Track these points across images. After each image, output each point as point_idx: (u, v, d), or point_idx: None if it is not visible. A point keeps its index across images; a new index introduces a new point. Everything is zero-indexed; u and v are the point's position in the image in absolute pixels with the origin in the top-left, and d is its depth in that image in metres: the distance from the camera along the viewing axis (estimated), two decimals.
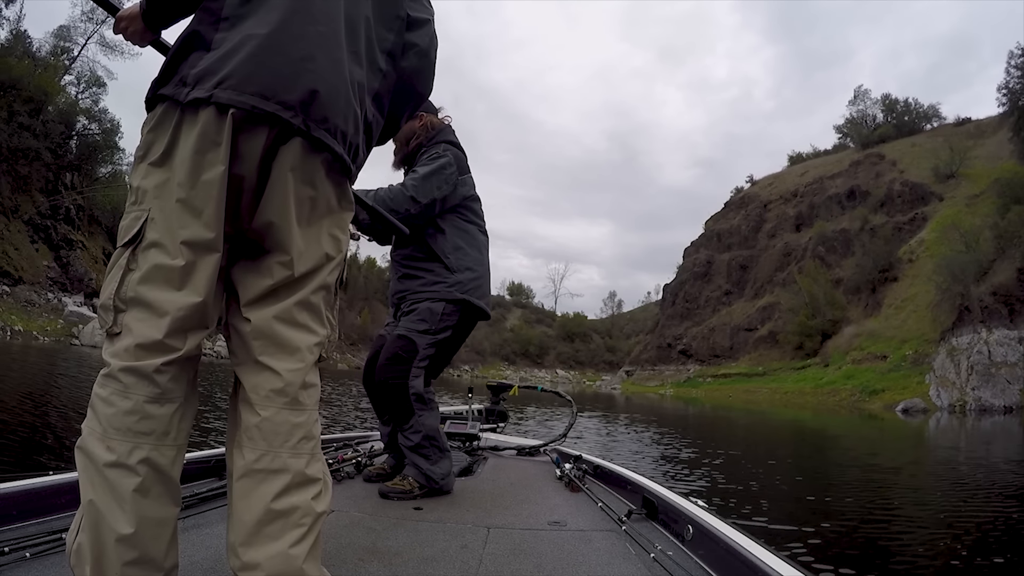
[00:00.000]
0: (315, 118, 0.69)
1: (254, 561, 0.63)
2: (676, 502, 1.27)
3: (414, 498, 1.51)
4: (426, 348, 1.62)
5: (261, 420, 0.66)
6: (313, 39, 0.69)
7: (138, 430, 0.61)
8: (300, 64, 0.68)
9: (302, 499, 0.65)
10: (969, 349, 20.18)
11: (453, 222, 1.67)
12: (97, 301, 0.69)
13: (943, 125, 40.45)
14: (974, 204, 28.38)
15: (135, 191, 0.67)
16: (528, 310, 67.62)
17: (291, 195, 0.69)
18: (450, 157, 1.63)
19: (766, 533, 2.63)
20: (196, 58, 0.67)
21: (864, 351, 25.52)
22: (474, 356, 50.81)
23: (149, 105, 0.68)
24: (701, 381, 34.06)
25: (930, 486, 4.75)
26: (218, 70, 0.65)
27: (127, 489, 0.59)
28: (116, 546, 0.59)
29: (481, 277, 1.68)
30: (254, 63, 0.66)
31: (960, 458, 7.07)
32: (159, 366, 0.63)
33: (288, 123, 0.67)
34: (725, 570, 0.95)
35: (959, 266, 21.66)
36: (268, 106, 0.65)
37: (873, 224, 33.05)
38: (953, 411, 18.12)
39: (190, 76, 0.66)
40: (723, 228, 43.73)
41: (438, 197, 1.60)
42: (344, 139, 0.73)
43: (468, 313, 1.67)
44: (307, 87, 0.68)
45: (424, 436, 1.58)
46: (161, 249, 0.64)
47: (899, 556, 2.46)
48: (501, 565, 1.05)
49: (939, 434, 11.44)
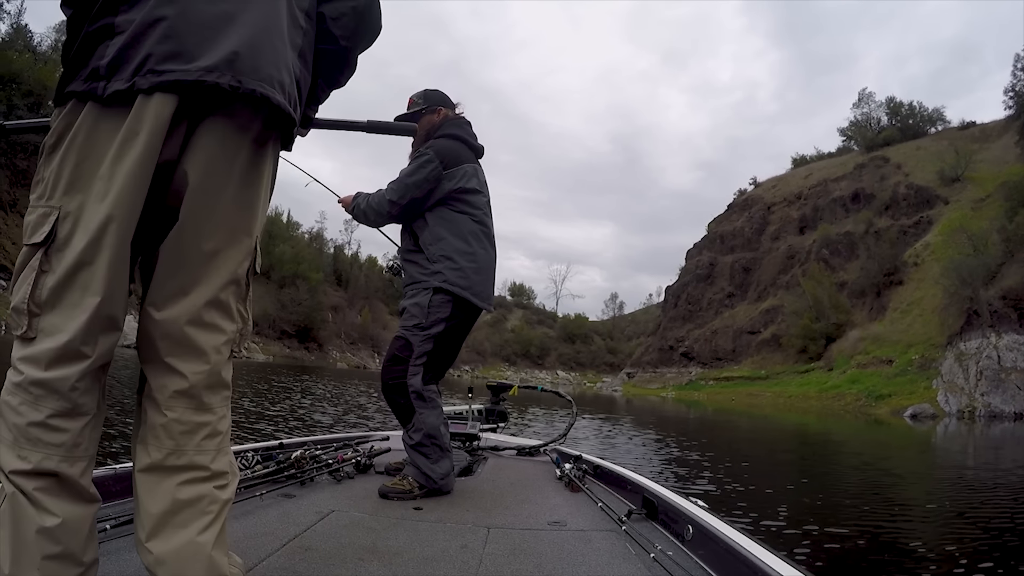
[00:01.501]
0: (245, 71, 0.65)
1: (163, 553, 0.63)
2: (676, 502, 1.27)
3: (414, 498, 1.51)
4: (421, 344, 1.61)
5: (167, 421, 0.66)
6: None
7: (48, 441, 0.60)
8: (218, 26, 0.64)
9: (207, 488, 0.66)
10: (978, 354, 19.97)
11: (440, 213, 1.68)
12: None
13: (947, 129, 40.25)
14: (980, 208, 28.20)
15: (44, 184, 0.64)
16: (529, 311, 67.65)
17: (212, 173, 0.66)
18: (431, 155, 1.66)
19: (767, 533, 2.62)
20: (103, 48, 0.63)
21: (869, 355, 25.35)
22: (475, 356, 50.83)
23: (59, 100, 0.65)
24: (703, 384, 33.92)
25: (934, 491, 4.72)
26: (132, 57, 0.62)
27: (40, 492, 0.60)
28: (36, 538, 0.59)
29: (465, 267, 1.65)
30: (169, 42, 0.62)
31: (968, 462, 7.01)
32: (73, 383, 0.61)
33: (215, 86, 0.63)
34: (725, 570, 0.95)
35: (967, 269, 21.43)
36: (189, 75, 0.62)
37: (878, 227, 32.89)
38: (962, 417, 17.90)
39: (103, 67, 0.62)
40: (726, 230, 43.60)
41: (418, 196, 1.65)
42: (282, 89, 0.69)
43: (460, 305, 1.65)
44: (230, 47, 0.64)
45: (425, 435, 1.58)
46: (74, 249, 0.61)
47: (900, 557, 2.45)
48: (501, 565, 1.05)
49: (947, 440, 11.32)
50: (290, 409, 6.67)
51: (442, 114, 1.77)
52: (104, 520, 0.98)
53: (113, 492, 1.13)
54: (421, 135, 1.75)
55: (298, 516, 1.24)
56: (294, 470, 1.54)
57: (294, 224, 46.46)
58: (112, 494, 1.12)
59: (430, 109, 1.76)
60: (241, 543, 1.03)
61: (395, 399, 1.64)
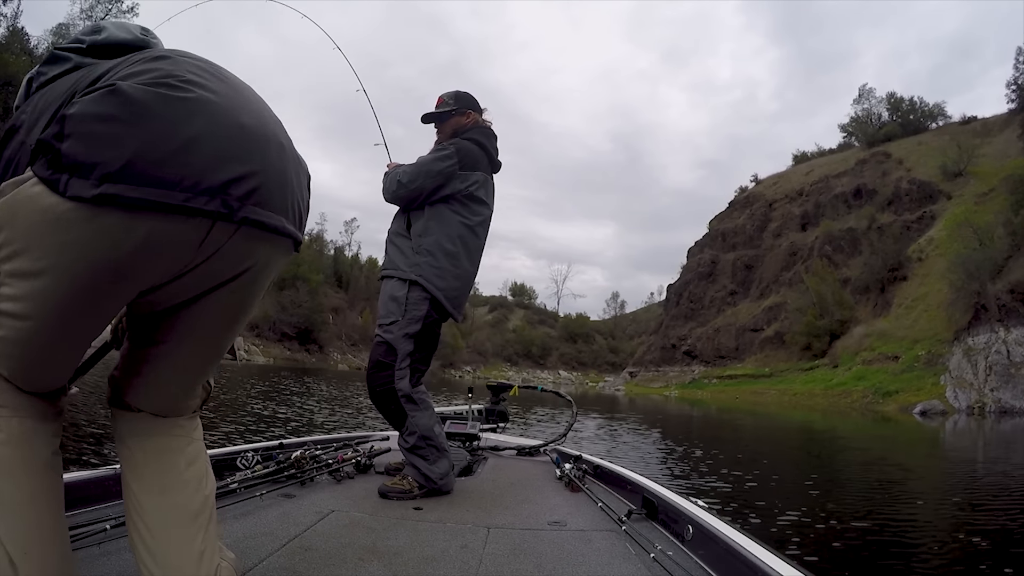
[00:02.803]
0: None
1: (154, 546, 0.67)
2: (676, 502, 1.26)
3: (413, 498, 1.51)
4: (403, 344, 1.60)
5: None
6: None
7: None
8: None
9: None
10: (987, 349, 19.72)
11: (439, 209, 1.66)
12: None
13: (949, 124, 39.99)
14: (984, 202, 28.02)
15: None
16: (531, 311, 67.66)
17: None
18: (452, 151, 1.67)
19: (767, 533, 2.60)
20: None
21: (875, 352, 25.19)
22: (476, 357, 50.89)
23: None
24: (706, 383, 33.82)
25: (940, 488, 4.68)
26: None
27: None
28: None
29: (445, 268, 1.62)
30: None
31: (978, 457, 6.93)
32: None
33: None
34: (725, 570, 0.95)
35: (974, 263, 21.16)
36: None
37: (880, 223, 32.73)
38: (972, 413, 17.71)
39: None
40: (728, 228, 43.47)
41: (427, 186, 1.64)
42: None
43: (435, 306, 1.63)
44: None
45: (420, 437, 1.57)
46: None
47: (901, 557, 2.43)
48: (501, 565, 1.05)
49: (956, 436, 11.19)
50: (297, 414, 6.68)
51: (471, 118, 1.76)
52: (104, 520, 0.98)
53: (113, 492, 1.13)
54: (448, 133, 1.75)
55: (298, 516, 1.24)
56: (294, 470, 1.54)
57: None
58: (112, 494, 1.13)
59: (460, 111, 1.76)
60: (241, 543, 1.03)
61: (385, 405, 1.63)
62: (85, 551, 0.92)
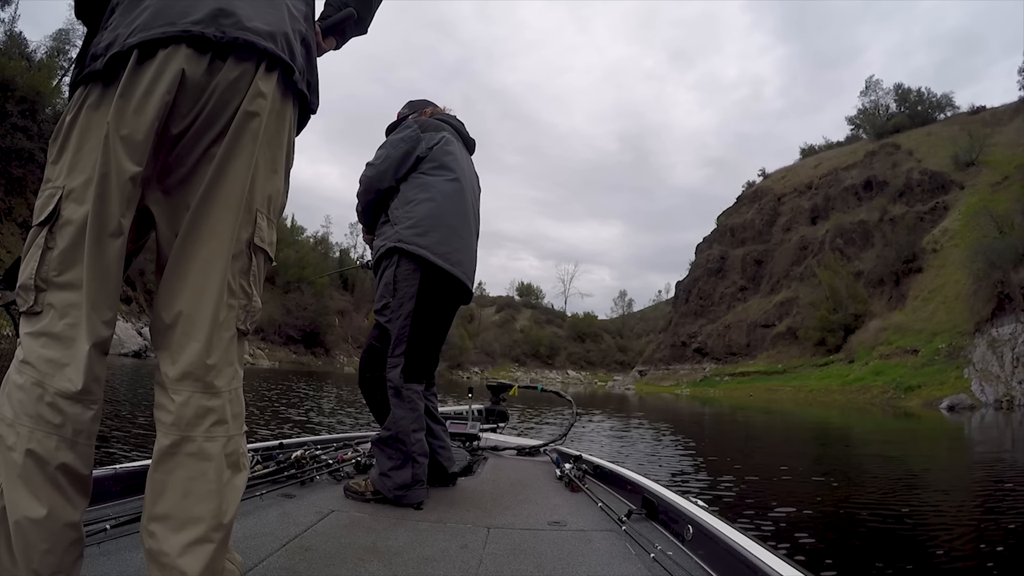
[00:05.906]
0: (228, 25, 0.67)
1: (164, 539, 0.64)
2: (676, 502, 1.25)
3: (366, 501, 1.42)
4: (399, 328, 1.50)
5: (175, 406, 0.67)
6: None
7: (52, 421, 0.61)
8: None
9: (212, 477, 0.66)
10: (1013, 339, 18.87)
11: (414, 178, 1.58)
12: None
13: (958, 114, 39.21)
14: (998, 191, 27.33)
15: (50, 169, 0.67)
16: (538, 311, 67.49)
17: (209, 134, 0.67)
18: (410, 121, 1.65)
19: (767, 534, 2.56)
20: (99, 37, 0.68)
21: (892, 345, 24.63)
22: (484, 358, 50.89)
23: (69, 97, 0.69)
24: (718, 380, 33.43)
25: (958, 488, 4.56)
26: (123, 34, 0.66)
27: (38, 479, 0.60)
28: (32, 527, 0.59)
29: (422, 221, 1.51)
30: (157, 14, 0.66)
31: (1006, 456, 6.69)
32: (85, 366, 0.62)
33: (200, 36, 0.65)
34: (725, 570, 0.94)
35: (995, 252, 20.30)
36: (175, 28, 0.65)
37: (892, 215, 32.11)
38: (1000, 407, 16.96)
39: (100, 48, 0.66)
40: (736, 223, 42.98)
41: (394, 155, 1.58)
42: (273, 38, 0.71)
43: (429, 274, 1.50)
44: (214, 6, 0.67)
45: (392, 435, 1.46)
46: (75, 224, 0.64)
47: (903, 557, 2.36)
48: (501, 565, 1.04)
49: (982, 432, 10.73)
50: (310, 415, 6.71)
51: (429, 111, 1.76)
52: (104, 520, 0.99)
53: (113, 492, 1.14)
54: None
55: (298, 516, 1.25)
56: (294, 470, 1.55)
57: (299, 228, 46.99)
58: (112, 494, 1.14)
59: (416, 113, 1.76)
60: (241, 543, 1.03)
61: (371, 394, 1.54)
62: (85, 551, 0.93)
